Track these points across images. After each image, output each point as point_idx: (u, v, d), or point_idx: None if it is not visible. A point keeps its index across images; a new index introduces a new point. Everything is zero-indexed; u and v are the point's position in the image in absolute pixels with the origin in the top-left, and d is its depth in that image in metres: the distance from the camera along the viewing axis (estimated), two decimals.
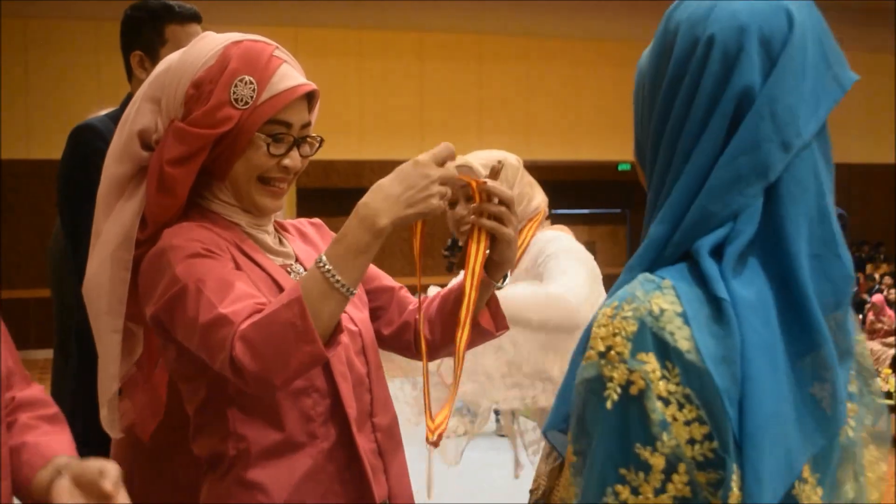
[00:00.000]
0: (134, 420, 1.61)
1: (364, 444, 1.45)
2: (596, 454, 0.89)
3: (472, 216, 1.47)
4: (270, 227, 1.52)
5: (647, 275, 0.92)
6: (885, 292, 9.77)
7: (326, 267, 1.27)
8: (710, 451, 0.87)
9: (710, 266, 0.90)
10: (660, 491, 0.87)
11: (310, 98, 1.46)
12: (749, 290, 0.90)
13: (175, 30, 2.36)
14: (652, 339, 0.88)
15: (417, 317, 1.56)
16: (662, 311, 0.89)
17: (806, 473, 0.91)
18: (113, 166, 1.45)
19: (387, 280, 1.66)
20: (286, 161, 1.42)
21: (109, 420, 1.55)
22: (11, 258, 10.51)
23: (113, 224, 1.44)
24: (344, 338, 1.45)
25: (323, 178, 11.61)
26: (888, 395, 6.64)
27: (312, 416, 1.40)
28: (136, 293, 1.44)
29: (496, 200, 1.45)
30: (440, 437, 1.40)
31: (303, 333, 1.23)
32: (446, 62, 12.84)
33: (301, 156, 1.46)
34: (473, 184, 1.45)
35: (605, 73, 12.84)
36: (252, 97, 1.38)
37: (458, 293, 1.52)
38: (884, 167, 13.60)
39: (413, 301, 1.65)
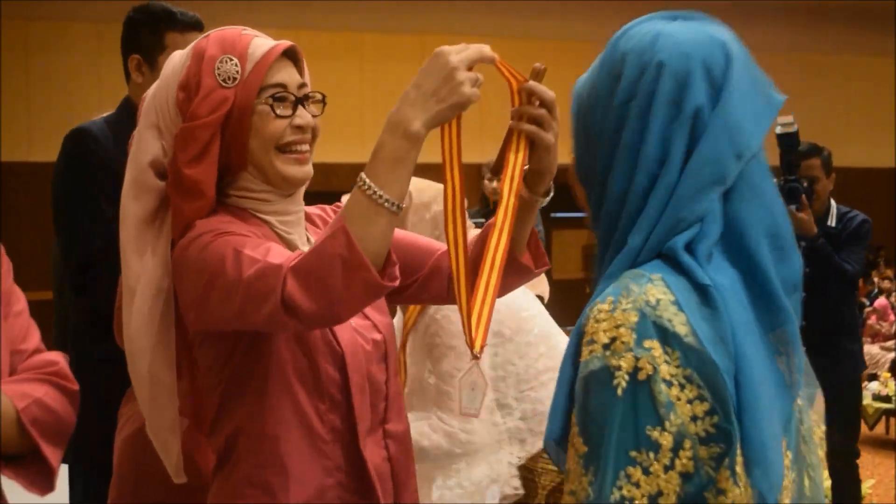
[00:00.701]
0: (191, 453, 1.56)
1: (373, 450, 1.44)
2: (608, 441, 0.95)
3: (511, 120, 1.39)
4: (301, 224, 1.49)
5: (635, 270, 1.01)
6: (890, 296, 9.76)
7: (367, 184, 1.22)
8: (711, 427, 0.95)
9: (687, 259, 1.01)
10: (669, 468, 0.94)
11: (295, 61, 1.46)
12: (723, 276, 1.01)
13: (175, 37, 2.34)
14: (653, 326, 0.96)
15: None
16: (658, 300, 0.97)
17: None
18: (133, 206, 1.43)
19: (416, 244, 1.58)
20: (297, 120, 1.41)
21: (177, 468, 1.50)
22: (12, 260, 10.46)
23: (151, 260, 1.41)
24: (367, 346, 1.44)
25: (324, 182, 11.56)
26: (887, 398, 6.62)
27: (324, 421, 1.40)
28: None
29: (537, 103, 1.37)
30: (482, 348, 1.32)
31: (351, 262, 1.19)
32: None
33: (310, 114, 1.44)
34: (513, 82, 1.36)
35: None
36: (238, 72, 1.38)
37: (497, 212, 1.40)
38: (884, 171, 13.59)
39: (441, 246, 1.57)
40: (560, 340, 2.30)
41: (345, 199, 1.70)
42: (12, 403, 1.33)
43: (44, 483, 1.38)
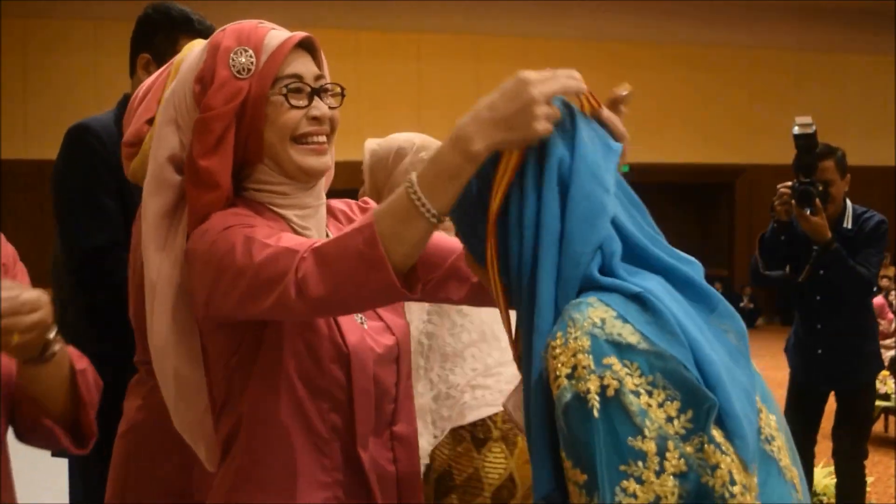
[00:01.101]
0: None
1: (379, 451, 1.44)
2: (599, 463, 0.99)
3: None
4: (318, 217, 1.48)
5: (573, 301, 1.07)
6: (888, 295, 9.77)
7: (414, 189, 1.18)
8: (687, 423, 1.00)
9: (608, 280, 1.08)
10: (660, 472, 0.98)
11: (312, 53, 1.45)
12: (647, 281, 1.09)
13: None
14: (606, 344, 1.02)
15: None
16: (603, 319, 1.03)
17: (759, 404, 1.10)
18: (152, 202, 1.43)
19: (434, 242, 1.50)
20: (312, 111, 1.40)
21: (211, 457, 1.50)
22: None
23: (169, 255, 1.41)
24: (377, 349, 1.43)
25: None
26: (885, 396, 6.62)
27: (325, 420, 1.39)
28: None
29: None
30: None
31: (370, 259, 1.17)
32: (444, 63, 12.83)
33: (328, 106, 1.43)
34: (587, 108, 1.27)
35: (602, 73, 12.77)
36: (252, 63, 1.38)
37: None
38: (884, 169, 13.61)
39: (458, 244, 1.50)
40: (502, 336, 2.28)
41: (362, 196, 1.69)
42: (71, 361, 1.37)
43: (82, 444, 1.43)
